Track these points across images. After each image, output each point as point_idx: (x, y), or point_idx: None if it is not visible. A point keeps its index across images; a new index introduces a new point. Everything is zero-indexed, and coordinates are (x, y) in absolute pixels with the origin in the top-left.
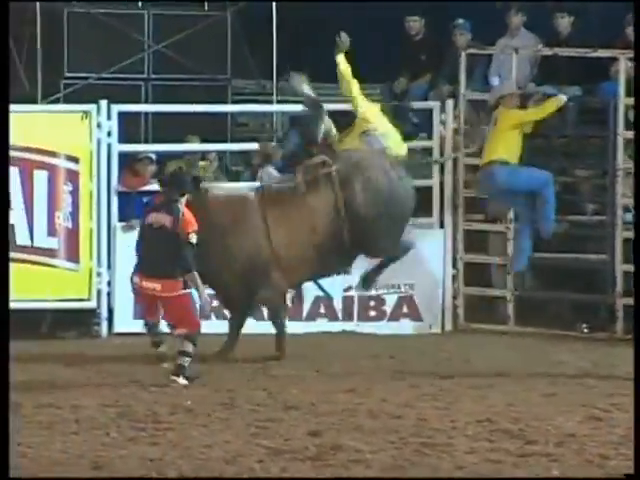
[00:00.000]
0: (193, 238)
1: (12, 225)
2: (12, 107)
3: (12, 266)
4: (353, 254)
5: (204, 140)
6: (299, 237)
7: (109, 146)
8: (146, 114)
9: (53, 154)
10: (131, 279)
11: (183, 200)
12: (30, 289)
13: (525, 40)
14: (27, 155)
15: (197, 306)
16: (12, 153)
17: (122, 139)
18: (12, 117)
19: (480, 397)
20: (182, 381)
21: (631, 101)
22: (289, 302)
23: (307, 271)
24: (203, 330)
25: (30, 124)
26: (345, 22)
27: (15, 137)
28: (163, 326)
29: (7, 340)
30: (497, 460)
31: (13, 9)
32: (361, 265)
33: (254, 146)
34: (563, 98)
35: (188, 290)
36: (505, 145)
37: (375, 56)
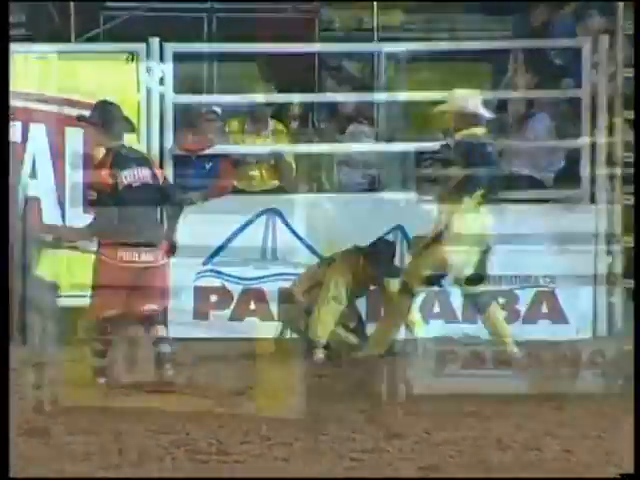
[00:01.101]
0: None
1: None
2: (39, 47)
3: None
4: None
5: (284, 89)
6: None
7: (162, 97)
8: (209, 55)
9: (90, 107)
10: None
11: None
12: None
13: None
14: (57, 108)
15: None
16: (37, 106)
17: (178, 88)
18: (39, 60)
19: None
20: None
21: None
22: None
23: None
24: None
25: (61, 69)
26: None
27: (42, 85)
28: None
29: (7, 340)
30: None
31: None
32: None
33: (350, 97)
34: None
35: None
36: None
37: None
